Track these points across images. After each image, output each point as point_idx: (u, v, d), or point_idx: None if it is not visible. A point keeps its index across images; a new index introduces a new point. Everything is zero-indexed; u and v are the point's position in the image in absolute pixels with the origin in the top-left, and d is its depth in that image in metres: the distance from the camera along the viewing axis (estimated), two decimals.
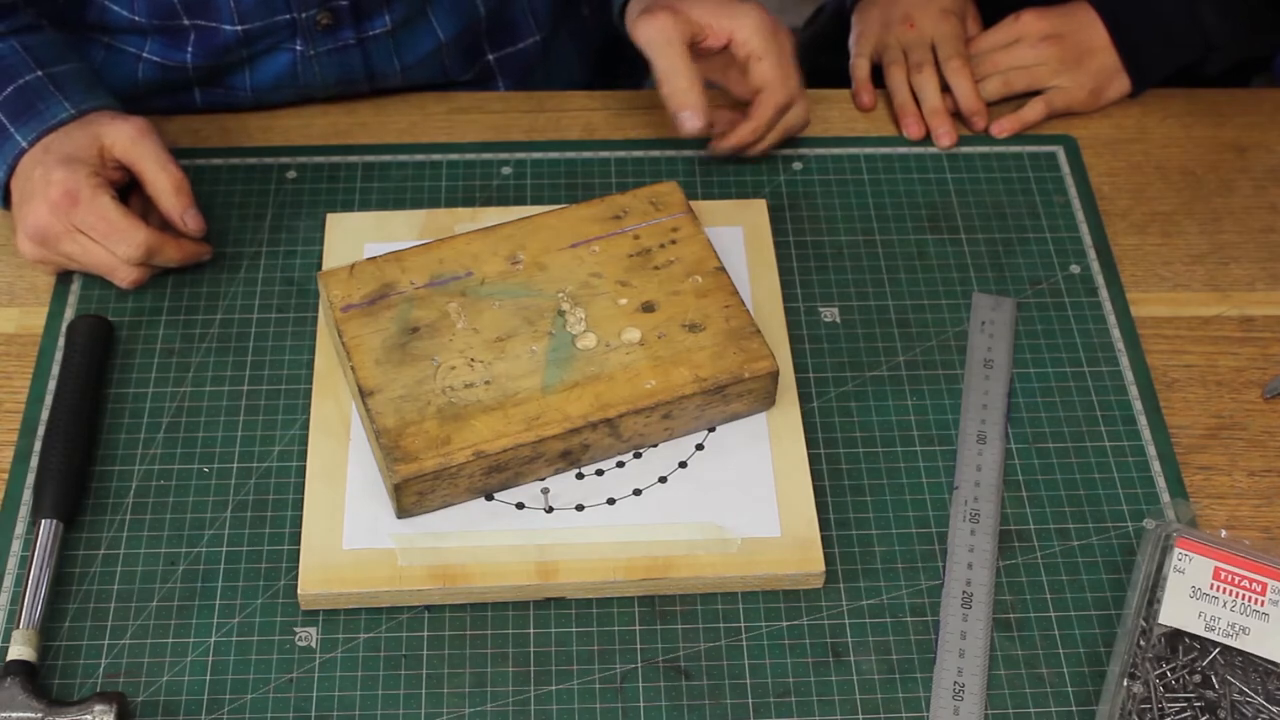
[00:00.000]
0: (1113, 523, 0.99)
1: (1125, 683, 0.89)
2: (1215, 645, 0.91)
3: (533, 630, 0.93)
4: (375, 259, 1.04)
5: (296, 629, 0.93)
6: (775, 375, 0.99)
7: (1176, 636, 0.91)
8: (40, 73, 1.09)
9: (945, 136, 1.20)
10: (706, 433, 1.01)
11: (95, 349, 1.03)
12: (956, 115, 1.22)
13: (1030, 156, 1.21)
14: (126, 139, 1.07)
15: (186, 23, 1.14)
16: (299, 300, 1.09)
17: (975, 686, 0.91)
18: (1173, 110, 1.25)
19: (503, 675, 0.91)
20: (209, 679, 0.91)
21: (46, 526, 0.94)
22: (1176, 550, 0.94)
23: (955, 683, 0.91)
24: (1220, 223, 1.17)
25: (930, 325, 1.09)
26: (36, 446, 1.00)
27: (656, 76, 1.12)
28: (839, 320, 1.09)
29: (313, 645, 0.92)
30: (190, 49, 1.16)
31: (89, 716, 0.86)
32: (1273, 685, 0.90)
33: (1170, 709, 0.88)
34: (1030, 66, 1.23)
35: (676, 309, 1.01)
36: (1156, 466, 1.02)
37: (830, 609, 0.95)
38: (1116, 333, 1.09)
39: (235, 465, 1.00)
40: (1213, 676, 0.90)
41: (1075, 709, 0.91)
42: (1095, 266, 1.13)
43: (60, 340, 1.05)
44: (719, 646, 0.93)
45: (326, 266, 1.09)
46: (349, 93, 1.22)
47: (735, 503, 0.97)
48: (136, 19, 1.15)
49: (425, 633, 0.93)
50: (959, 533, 0.98)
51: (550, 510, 0.97)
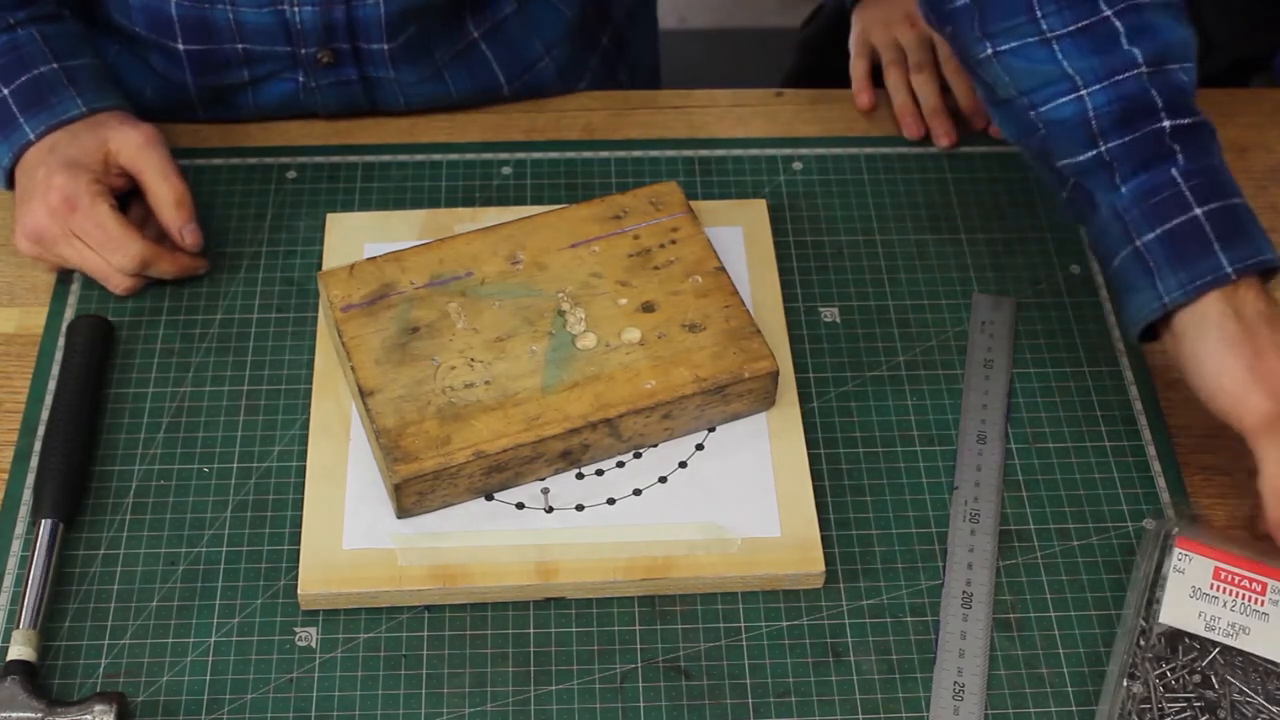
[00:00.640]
0: (1113, 523, 0.99)
1: (1125, 683, 0.89)
2: (1215, 645, 0.91)
3: (533, 630, 0.93)
4: (375, 259, 1.04)
5: (296, 629, 0.93)
6: (775, 375, 0.99)
7: (1176, 636, 0.91)
8: (56, 65, 1.09)
9: (945, 136, 1.20)
10: (706, 433, 1.01)
11: (95, 349, 1.03)
12: (956, 115, 1.22)
13: None
14: (133, 146, 1.07)
15: (182, 46, 1.13)
16: (299, 300, 1.09)
17: (975, 686, 0.91)
18: None
19: (503, 675, 0.91)
20: (209, 679, 0.91)
21: (46, 526, 0.94)
22: (1176, 550, 0.94)
23: (955, 683, 0.91)
24: None
25: (930, 325, 1.09)
26: (36, 446, 1.00)
27: None
28: (839, 320, 1.09)
29: (313, 645, 0.92)
30: (189, 72, 1.16)
31: (89, 716, 0.86)
32: (1273, 685, 0.90)
33: (1170, 709, 0.88)
34: None
35: (676, 309, 1.01)
36: (1156, 466, 1.02)
37: (830, 609, 0.95)
38: (1116, 333, 1.09)
39: (235, 465, 1.00)
40: (1212, 676, 0.90)
41: (1075, 709, 0.91)
42: (1095, 266, 1.13)
43: (60, 340, 1.05)
44: (719, 646, 0.93)
45: (326, 266, 1.09)
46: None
47: (735, 503, 0.97)
48: (138, 30, 1.14)
49: (425, 633, 0.93)
50: (959, 533, 0.98)
51: (550, 510, 0.97)
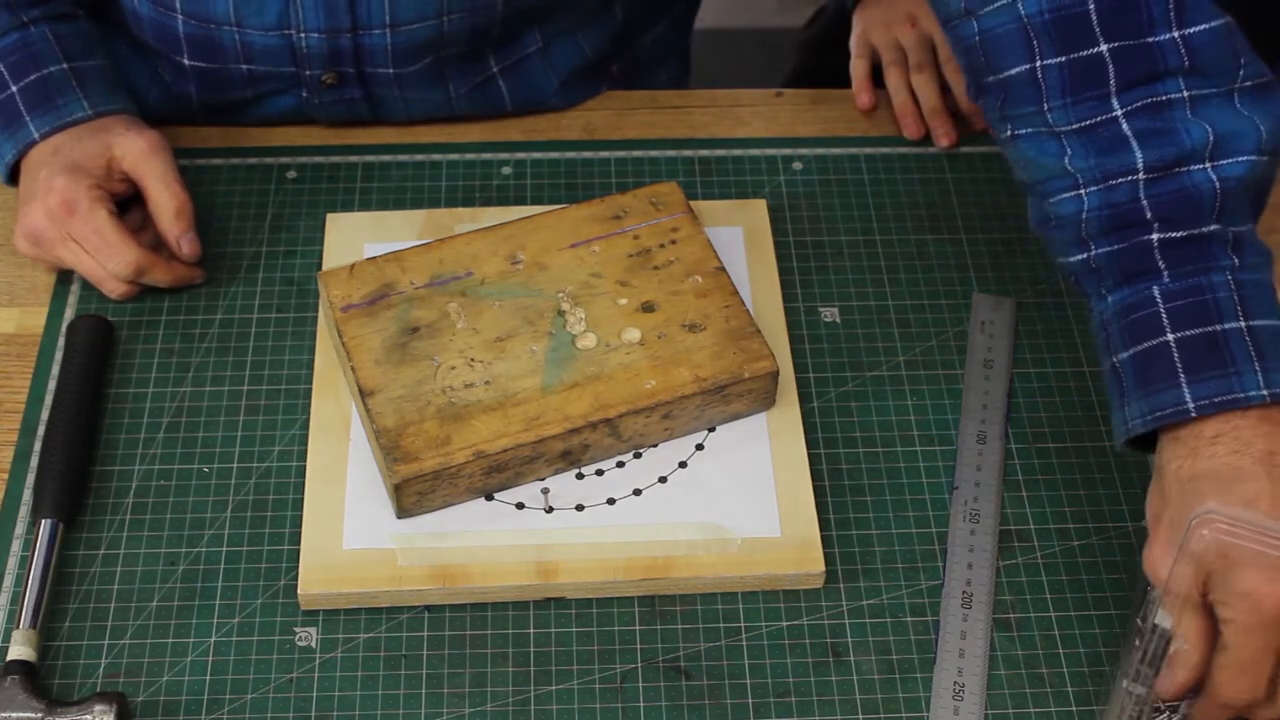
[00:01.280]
0: (1113, 523, 0.99)
1: (1125, 683, 0.89)
2: None
3: (533, 630, 0.93)
4: (375, 259, 1.04)
5: (296, 629, 0.93)
6: (775, 375, 0.99)
7: None
8: (65, 65, 1.09)
9: (945, 137, 1.20)
10: (706, 432, 1.01)
11: (95, 349, 1.03)
12: (956, 115, 1.22)
13: None
14: (137, 153, 1.06)
15: (188, 61, 1.13)
16: (299, 300, 1.09)
17: (975, 686, 0.91)
18: None
19: (503, 675, 0.91)
20: (209, 679, 0.91)
21: (46, 526, 0.94)
22: None
23: (955, 683, 0.91)
24: None
25: (930, 325, 1.09)
26: (36, 446, 1.00)
27: None
28: (839, 320, 1.09)
29: (313, 645, 0.92)
30: (193, 86, 1.16)
31: (89, 716, 0.86)
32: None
33: (1169, 708, 0.88)
34: None
35: (676, 309, 1.01)
36: None
37: (830, 609, 0.95)
38: None
39: (235, 465, 1.00)
40: None
41: (1075, 709, 0.91)
42: None
43: (60, 340, 1.05)
44: (719, 646, 0.93)
45: (326, 266, 1.09)
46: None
47: (735, 502, 0.97)
48: (146, 40, 1.14)
49: (425, 633, 0.93)
50: (959, 533, 0.98)
51: (550, 510, 0.97)
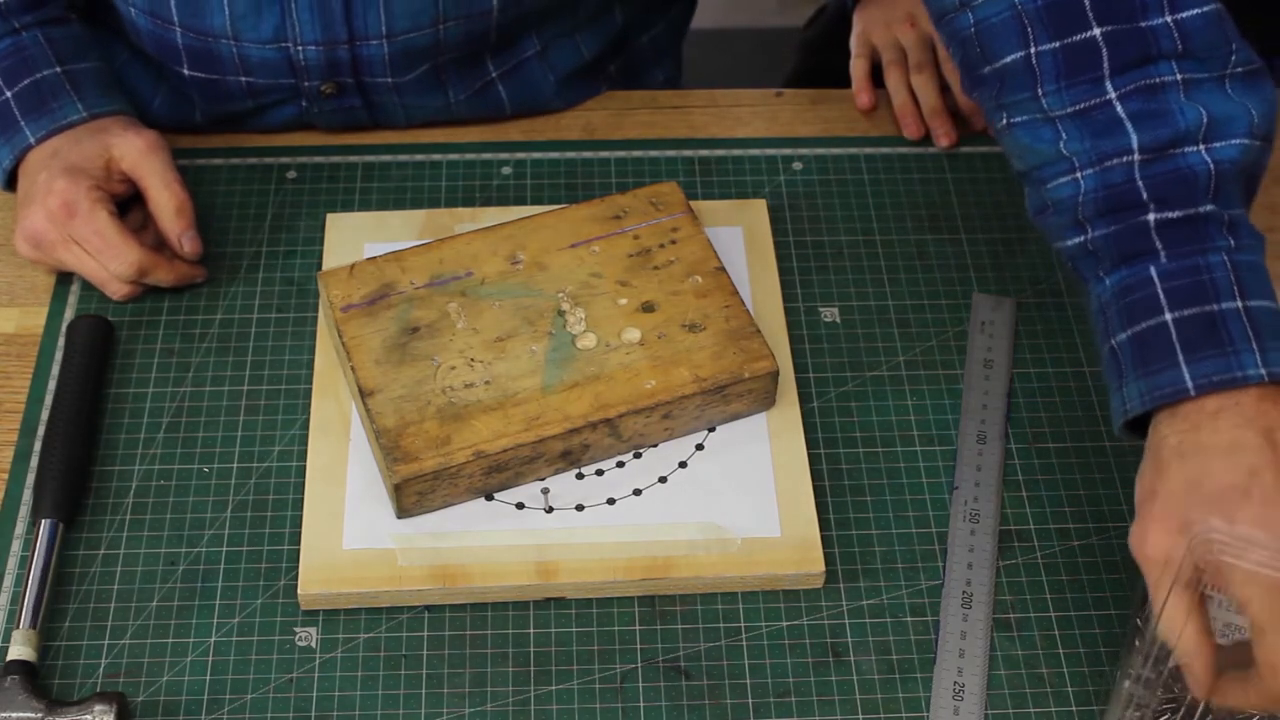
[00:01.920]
0: (1113, 523, 0.99)
1: (1124, 683, 0.89)
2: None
3: (533, 630, 0.93)
4: (375, 259, 1.04)
5: (296, 629, 0.93)
6: (775, 375, 0.99)
7: None
8: (59, 69, 1.08)
9: (945, 137, 1.20)
10: (706, 433, 1.01)
11: (95, 349, 1.03)
12: (956, 115, 1.22)
13: None
14: (135, 153, 1.06)
15: (188, 72, 1.13)
16: (299, 300, 1.09)
17: (975, 686, 0.91)
18: None
19: (503, 675, 0.91)
20: (209, 679, 0.91)
21: (46, 526, 0.94)
22: None
23: (955, 683, 0.91)
24: None
25: (930, 325, 1.09)
26: (36, 446, 1.00)
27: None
28: (839, 320, 1.09)
29: (313, 645, 0.92)
30: (197, 96, 1.16)
31: (89, 716, 0.86)
32: None
33: (1168, 708, 0.88)
34: None
35: (676, 309, 1.01)
36: None
37: (830, 609, 0.95)
38: None
39: (235, 465, 1.00)
40: None
41: (1075, 709, 0.91)
42: None
43: (60, 340, 1.05)
44: (719, 646, 0.93)
45: (326, 266, 1.09)
46: None
47: (735, 502, 0.97)
48: (146, 50, 1.14)
49: (425, 633, 0.93)
50: (959, 533, 0.98)
51: (550, 510, 0.97)
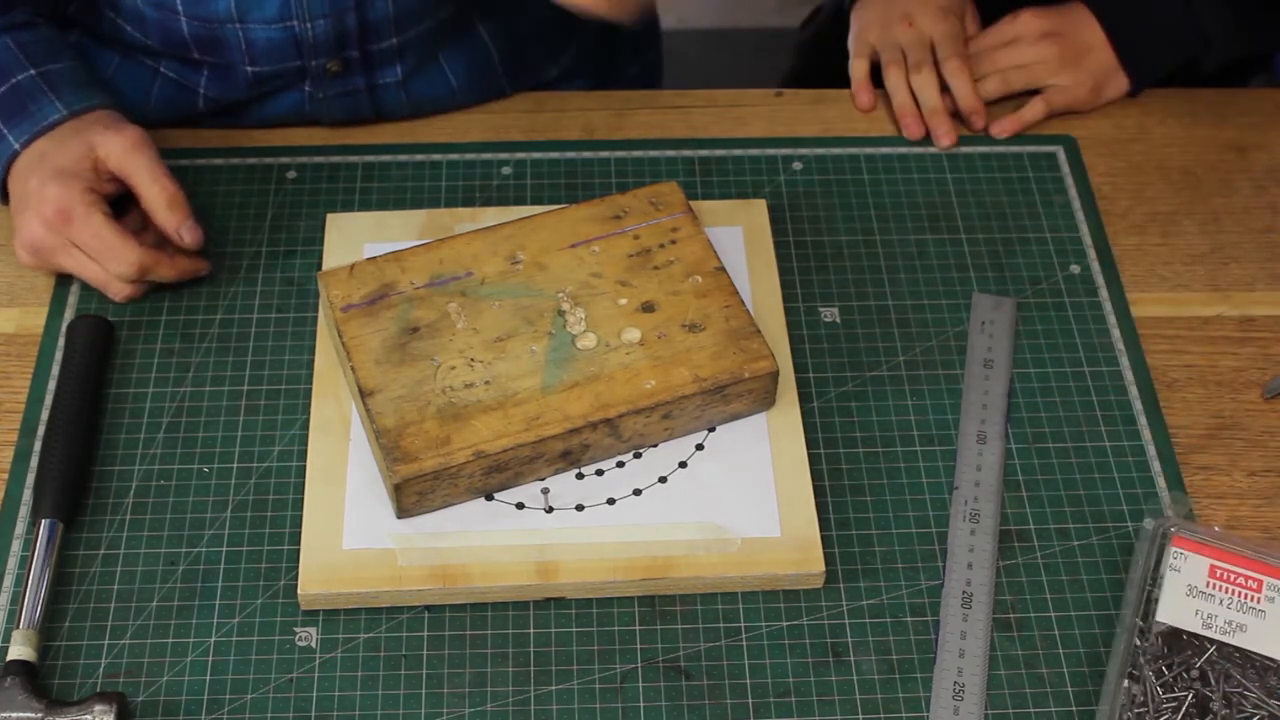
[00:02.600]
0: (1112, 522, 0.99)
1: (1124, 682, 0.89)
2: (1213, 643, 0.91)
3: (533, 630, 0.93)
4: (375, 259, 1.04)
5: (296, 629, 0.93)
6: (775, 375, 0.99)
7: (1174, 635, 0.91)
8: (33, 71, 1.08)
9: (945, 136, 1.20)
10: (706, 433, 1.01)
11: (95, 349, 1.03)
12: (956, 115, 1.22)
13: (1030, 156, 1.21)
14: (121, 151, 1.05)
15: (196, 57, 1.13)
16: (299, 300, 1.09)
17: (975, 686, 0.91)
18: (1173, 110, 1.25)
19: (503, 675, 0.91)
20: (209, 679, 0.91)
21: (46, 526, 0.94)
22: (1172, 549, 0.94)
23: (955, 683, 0.91)
24: (1220, 223, 1.17)
25: (930, 325, 1.09)
26: (36, 446, 1.00)
27: None
28: (839, 320, 1.09)
29: (313, 645, 0.92)
30: (204, 83, 1.16)
31: (89, 716, 0.86)
32: (1271, 681, 0.90)
33: (1169, 707, 0.88)
34: (1029, 65, 1.23)
35: (676, 309, 1.01)
36: (1156, 466, 1.02)
37: (830, 609, 0.95)
38: (1116, 333, 1.09)
39: (235, 465, 1.00)
40: (1210, 673, 0.90)
41: (1075, 709, 0.91)
42: (1095, 266, 1.13)
43: (60, 340, 1.05)
44: (719, 646, 0.93)
45: (326, 266, 1.09)
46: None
47: (735, 503, 0.97)
48: (150, 43, 1.14)
49: (425, 633, 0.93)
50: (959, 533, 0.98)
51: (550, 510, 0.97)
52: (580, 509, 0.97)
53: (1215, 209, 1.18)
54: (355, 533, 0.95)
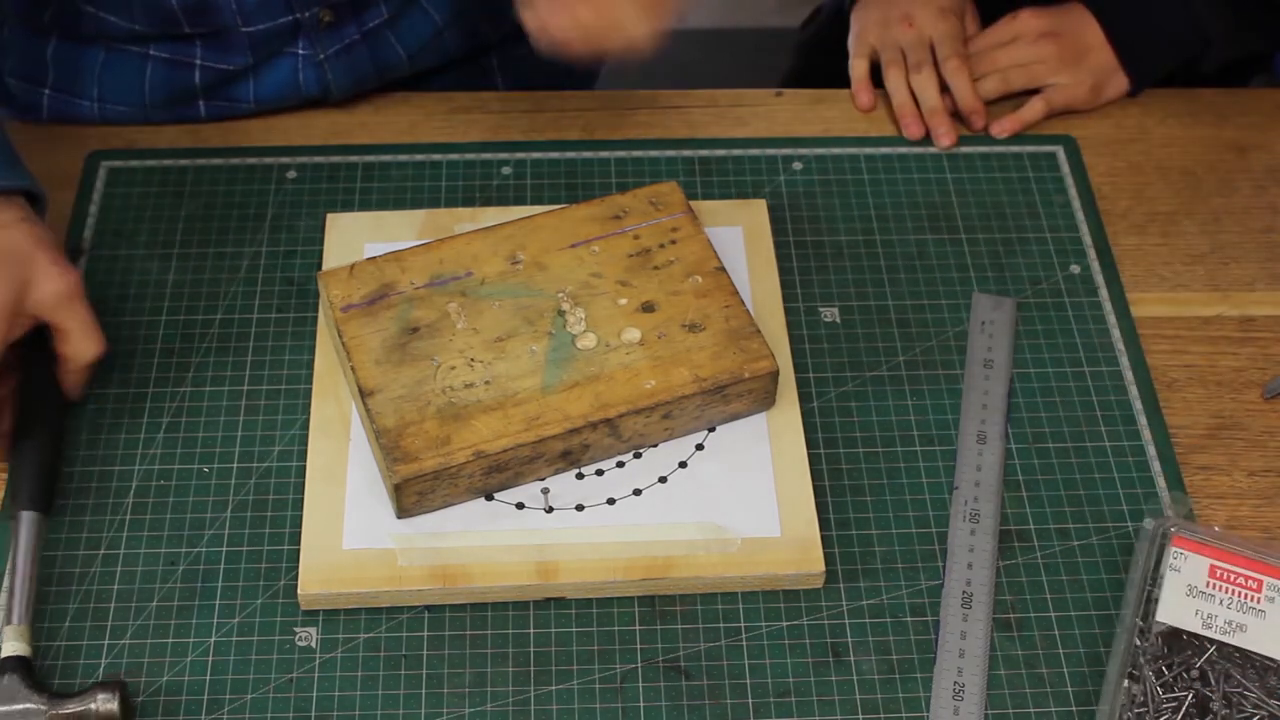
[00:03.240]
0: (1113, 522, 0.99)
1: (1124, 682, 0.89)
2: (1213, 643, 0.91)
3: (533, 630, 0.93)
4: (375, 259, 1.04)
5: (296, 629, 0.93)
6: (775, 375, 0.99)
7: (1174, 635, 0.91)
8: None
9: (945, 136, 1.20)
10: (706, 433, 1.01)
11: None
12: (956, 115, 1.22)
13: (1030, 156, 1.21)
14: (57, 299, 0.94)
15: (188, 30, 1.13)
16: (299, 300, 1.09)
17: (975, 686, 0.91)
18: (1173, 110, 1.25)
19: (503, 675, 0.91)
20: (209, 679, 0.91)
21: (25, 519, 0.92)
22: (1172, 549, 0.94)
23: (955, 683, 0.91)
24: (1220, 223, 1.17)
25: (930, 325, 1.09)
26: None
27: None
28: (839, 320, 1.09)
29: (313, 645, 0.92)
30: (199, 55, 1.16)
31: (93, 705, 0.86)
32: (1271, 681, 0.90)
33: (1169, 707, 0.88)
34: (1028, 64, 1.23)
35: (676, 309, 1.01)
36: (1156, 466, 1.02)
37: (830, 609, 0.95)
38: (1116, 333, 1.09)
39: (235, 465, 1.00)
40: (1210, 673, 0.90)
41: (1075, 709, 0.91)
42: (1095, 266, 1.13)
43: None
44: (719, 646, 0.93)
45: (326, 266, 1.09)
46: (358, 93, 1.22)
47: (735, 503, 0.97)
48: (136, 28, 1.14)
49: (425, 633, 0.93)
50: (959, 533, 0.98)
51: (550, 510, 0.97)
52: (580, 509, 0.97)
53: (1215, 209, 1.18)
54: (355, 533, 0.95)
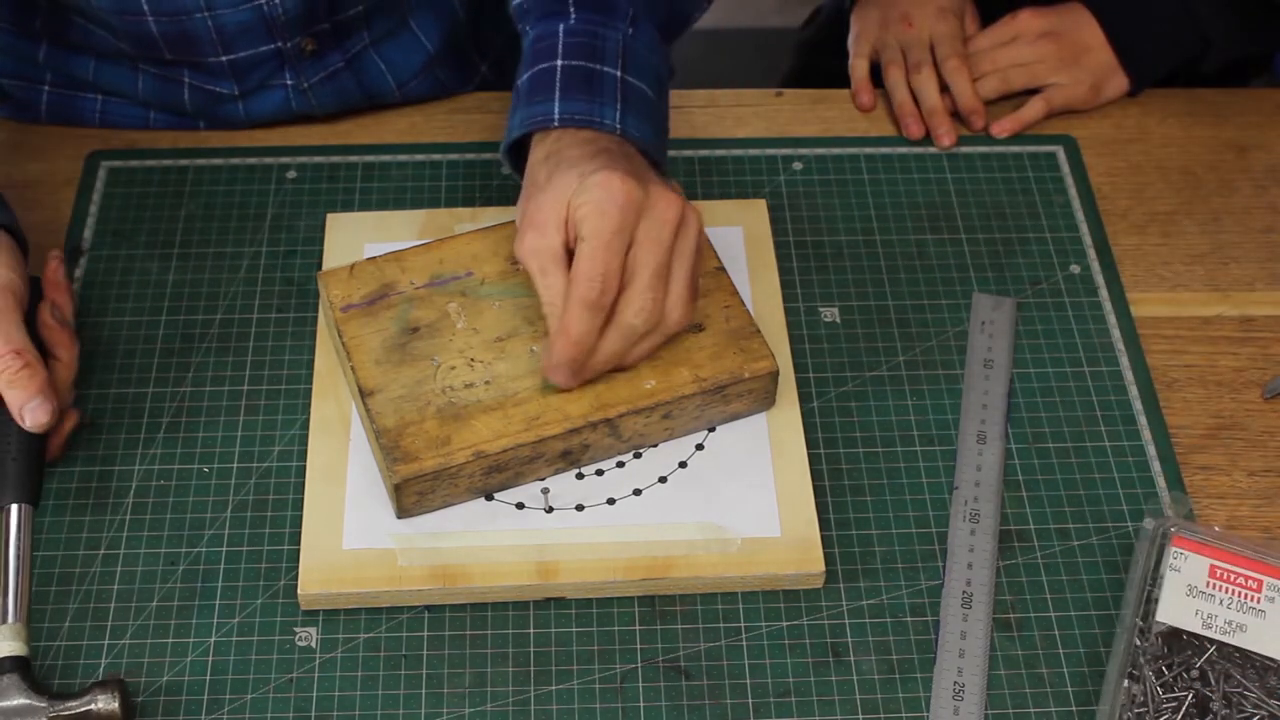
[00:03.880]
0: (1112, 522, 0.99)
1: (1124, 682, 0.89)
2: (1213, 643, 0.91)
3: (533, 630, 0.93)
4: (375, 259, 1.04)
5: (296, 629, 0.93)
6: (775, 375, 0.99)
7: (1174, 635, 0.91)
8: None
9: (945, 136, 1.20)
10: (706, 433, 1.01)
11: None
12: (956, 115, 1.22)
13: (1030, 156, 1.21)
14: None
15: (169, 57, 1.13)
16: (299, 300, 1.09)
17: (975, 686, 0.91)
18: (1173, 110, 1.25)
19: (503, 675, 0.91)
20: (209, 679, 0.91)
21: (13, 511, 0.90)
22: (1172, 549, 0.94)
23: (955, 683, 0.91)
24: (1220, 223, 1.17)
25: (930, 325, 1.09)
26: None
27: None
28: (839, 320, 1.09)
29: (313, 645, 0.92)
30: (186, 75, 1.16)
31: (93, 705, 0.86)
32: (1271, 681, 0.90)
33: (1169, 707, 0.88)
34: (1028, 64, 1.23)
35: None
36: (1156, 466, 1.02)
37: (830, 609, 0.95)
38: (1116, 333, 1.09)
39: (235, 465, 1.00)
40: (1210, 673, 0.90)
41: (1075, 709, 0.91)
42: (1095, 266, 1.13)
43: None
44: (719, 646, 0.93)
45: (326, 266, 1.09)
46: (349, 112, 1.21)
47: (735, 503, 0.97)
48: (123, 46, 1.14)
49: (425, 633, 0.93)
50: (959, 533, 0.98)
51: (550, 510, 0.97)
52: (580, 509, 0.97)
53: (1215, 209, 1.18)
54: (355, 533, 0.95)
